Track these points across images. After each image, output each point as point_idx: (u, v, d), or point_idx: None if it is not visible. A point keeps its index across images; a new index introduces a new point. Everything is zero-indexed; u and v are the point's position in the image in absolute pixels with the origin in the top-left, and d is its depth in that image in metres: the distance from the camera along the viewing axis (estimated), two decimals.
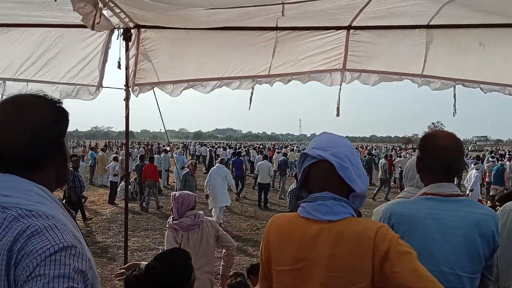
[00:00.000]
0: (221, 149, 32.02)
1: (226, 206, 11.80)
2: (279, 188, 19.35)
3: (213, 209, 11.15)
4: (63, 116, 1.29)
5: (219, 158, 13.75)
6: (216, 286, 6.69)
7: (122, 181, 15.96)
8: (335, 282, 1.42)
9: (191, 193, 4.24)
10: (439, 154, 1.87)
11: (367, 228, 1.44)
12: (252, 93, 4.12)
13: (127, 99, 4.11)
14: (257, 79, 4.10)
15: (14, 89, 4.04)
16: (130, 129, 4.52)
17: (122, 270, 3.32)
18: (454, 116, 4.25)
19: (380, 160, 19.81)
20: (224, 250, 4.18)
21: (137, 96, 4.23)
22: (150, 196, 13.96)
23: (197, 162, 12.73)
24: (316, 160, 1.57)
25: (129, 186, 12.64)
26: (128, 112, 4.18)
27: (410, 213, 1.84)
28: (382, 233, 1.41)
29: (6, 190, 1.15)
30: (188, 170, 11.47)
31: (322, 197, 1.53)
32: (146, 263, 3.35)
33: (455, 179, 1.98)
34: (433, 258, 1.73)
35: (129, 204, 5.09)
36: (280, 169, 17.88)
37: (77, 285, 1.02)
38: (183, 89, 4.14)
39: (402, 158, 21.30)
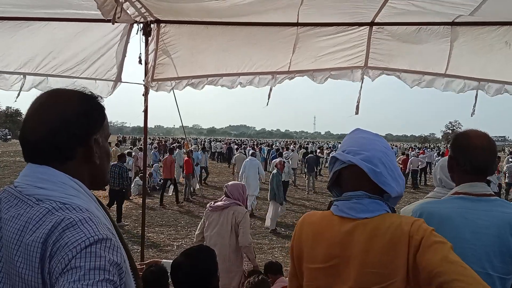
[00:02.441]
0: (250, 147, 32.01)
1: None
2: (294, 185, 19.43)
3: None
4: (95, 111, 1.29)
5: (251, 151, 15.03)
6: None
7: (137, 177, 16.10)
8: (368, 278, 1.41)
9: (239, 183, 4.87)
10: (472, 154, 1.85)
11: (403, 222, 1.44)
12: (271, 89, 4.09)
13: (146, 94, 4.13)
14: (277, 75, 4.08)
15: (34, 83, 4.09)
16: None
17: (142, 266, 3.34)
18: (472, 116, 4.19)
19: (436, 159, 19.94)
20: None
21: (156, 91, 4.25)
22: (188, 186, 15.26)
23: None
24: (347, 165, 1.56)
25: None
26: (147, 107, 4.21)
27: (441, 212, 1.83)
28: (417, 225, 1.41)
29: (40, 182, 1.16)
30: (277, 169, 11.49)
31: (357, 196, 1.52)
32: (166, 260, 3.38)
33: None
34: (464, 257, 1.70)
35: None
36: (308, 167, 18.14)
37: (112, 277, 1.03)
38: (205, 84, 4.15)
39: (413, 157, 21.53)
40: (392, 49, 4.01)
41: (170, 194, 15.45)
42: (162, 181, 16.35)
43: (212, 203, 4.69)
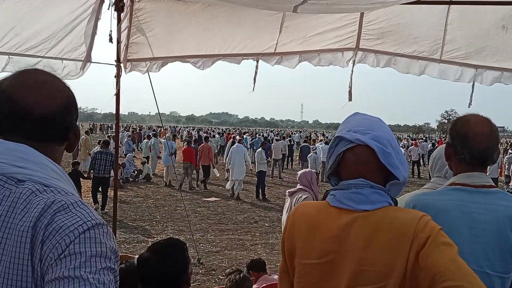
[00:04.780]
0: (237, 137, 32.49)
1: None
2: (279, 178, 19.60)
3: (230, 181, 14.64)
4: None
5: (238, 139, 18.00)
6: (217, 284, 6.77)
7: None
8: (364, 276, 1.38)
9: (308, 171, 5.68)
10: (472, 141, 1.80)
11: (408, 217, 1.41)
12: (256, 73, 4.08)
13: (118, 76, 4.07)
14: (262, 57, 4.06)
15: None
16: None
17: None
18: (469, 107, 4.23)
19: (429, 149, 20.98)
20: None
21: (126, 73, 4.20)
22: (187, 177, 16.01)
23: None
24: (354, 145, 1.50)
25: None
26: (119, 90, 4.15)
27: (436, 205, 1.79)
28: (424, 221, 1.37)
29: (20, 161, 1.11)
30: None
31: (356, 185, 1.47)
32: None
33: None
34: (461, 254, 1.71)
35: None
36: (302, 155, 20.15)
37: (113, 265, 1.01)
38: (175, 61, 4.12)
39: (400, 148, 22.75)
40: (385, 30, 4.03)
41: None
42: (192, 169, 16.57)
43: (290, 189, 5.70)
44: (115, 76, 4.08)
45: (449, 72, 4.21)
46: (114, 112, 4.44)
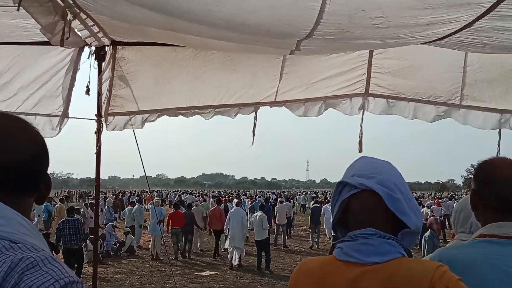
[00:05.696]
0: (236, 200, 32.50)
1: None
2: (283, 246, 19.21)
3: (230, 249, 14.40)
4: None
5: (236, 202, 18.40)
6: None
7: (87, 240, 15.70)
8: None
9: None
10: (499, 186, 1.82)
11: (424, 268, 1.42)
12: (255, 124, 4.12)
13: (98, 132, 4.08)
14: (261, 107, 4.11)
15: None
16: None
17: None
18: (497, 156, 4.25)
19: None
20: None
21: (107, 129, 4.21)
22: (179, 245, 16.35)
23: None
24: (358, 191, 1.54)
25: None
26: (100, 148, 4.15)
27: (463, 259, 1.79)
28: (441, 272, 1.39)
29: None
30: (431, 231, 10.50)
31: (365, 235, 1.49)
32: None
33: None
34: None
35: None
36: (313, 217, 19.55)
37: None
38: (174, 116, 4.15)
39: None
40: (397, 74, 4.10)
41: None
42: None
43: None
44: (95, 132, 4.09)
45: (471, 119, 4.27)
46: (92, 176, 4.44)
